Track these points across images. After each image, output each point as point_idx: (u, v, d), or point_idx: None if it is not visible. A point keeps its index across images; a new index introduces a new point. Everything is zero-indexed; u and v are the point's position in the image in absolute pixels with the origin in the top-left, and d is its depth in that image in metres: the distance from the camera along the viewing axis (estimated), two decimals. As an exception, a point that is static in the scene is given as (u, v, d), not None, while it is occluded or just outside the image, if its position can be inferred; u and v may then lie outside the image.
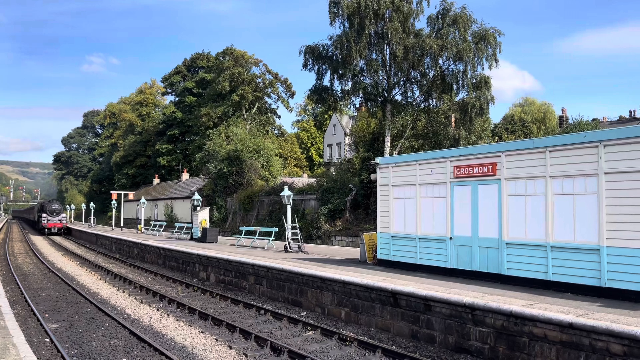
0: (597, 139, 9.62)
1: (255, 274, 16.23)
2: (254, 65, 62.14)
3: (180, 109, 68.02)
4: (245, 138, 41.24)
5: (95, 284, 19.08)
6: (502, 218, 11.16)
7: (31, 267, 24.81)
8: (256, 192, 36.99)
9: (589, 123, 33.69)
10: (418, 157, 14.05)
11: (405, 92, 28.49)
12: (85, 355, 9.58)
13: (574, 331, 7.59)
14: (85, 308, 14.21)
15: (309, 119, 78.03)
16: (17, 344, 7.55)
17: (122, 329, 11.59)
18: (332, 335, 10.68)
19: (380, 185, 14.80)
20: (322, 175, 36.42)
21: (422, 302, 10.05)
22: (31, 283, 19.18)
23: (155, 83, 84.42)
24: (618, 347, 7.12)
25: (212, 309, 13.80)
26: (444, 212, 12.64)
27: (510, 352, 8.52)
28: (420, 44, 25.54)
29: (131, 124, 79.35)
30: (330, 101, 29.40)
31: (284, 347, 9.56)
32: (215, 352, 9.74)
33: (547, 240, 10.24)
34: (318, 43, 28.13)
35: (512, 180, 11.10)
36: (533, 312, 8.13)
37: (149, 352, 9.71)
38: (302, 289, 13.89)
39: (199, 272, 20.34)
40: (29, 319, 12.71)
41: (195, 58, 71.44)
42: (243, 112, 59.88)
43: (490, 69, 26.35)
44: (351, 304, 12.04)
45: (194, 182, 52.23)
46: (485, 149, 12.08)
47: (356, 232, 24.63)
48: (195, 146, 61.23)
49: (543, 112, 45.20)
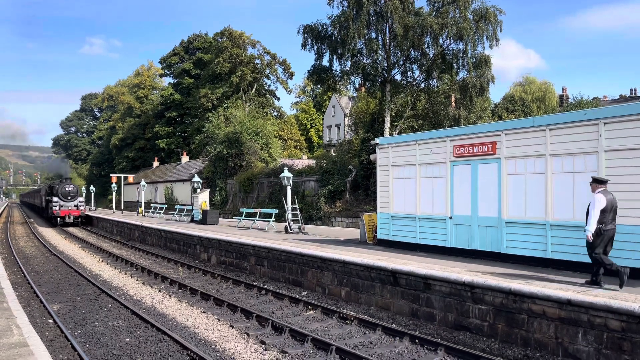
0: (597, 117, 9.57)
1: (256, 255, 16.32)
2: (251, 45, 61.60)
3: (179, 90, 67.64)
4: (245, 120, 41.11)
5: (97, 266, 19.20)
6: (502, 197, 11.17)
7: (33, 250, 24.93)
8: (256, 174, 37.00)
9: (590, 102, 33.57)
10: (418, 137, 14.01)
11: (405, 72, 28.27)
12: (89, 336, 9.68)
13: (572, 308, 7.66)
14: (88, 290, 14.32)
15: (308, 101, 77.66)
16: (21, 324, 7.62)
17: (125, 309, 11.70)
18: (333, 314, 10.78)
19: (380, 165, 14.79)
20: (321, 157, 36.37)
21: (421, 281, 10.12)
22: (33, 266, 19.30)
23: (153, 65, 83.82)
24: (616, 323, 7.19)
25: (214, 290, 13.91)
26: (443, 192, 12.65)
27: (509, 329, 8.61)
28: (420, 22, 25.23)
29: (129, 106, 79.00)
30: (329, 81, 29.19)
31: (285, 326, 9.66)
32: (217, 332, 9.84)
33: (547, 219, 10.26)
34: (317, 22, 27.82)
35: (512, 159, 11.08)
36: (532, 289, 8.19)
37: (152, 332, 9.81)
38: (302, 269, 13.98)
39: (200, 254, 20.45)
40: (31, 301, 12.82)
41: (193, 39, 70.76)
42: (242, 93, 59.54)
43: (491, 48, 26.10)
44: (351, 284, 12.13)
45: (194, 165, 52.21)
46: (485, 128, 12.03)
47: (356, 213, 24.69)
48: (194, 128, 61.05)
49: (543, 91, 44.88)
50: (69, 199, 40.97)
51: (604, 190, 8.52)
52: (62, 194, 40.77)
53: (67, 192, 40.96)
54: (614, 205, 8.46)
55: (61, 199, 40.73)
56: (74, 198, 41.27)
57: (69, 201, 41.06)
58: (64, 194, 40.83)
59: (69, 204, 40.99)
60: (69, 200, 41.02)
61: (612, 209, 8.42)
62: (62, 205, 40.60)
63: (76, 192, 41.71)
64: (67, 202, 40.94)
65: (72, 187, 41.70)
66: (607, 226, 8.36)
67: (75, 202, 41.36)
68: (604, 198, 8.38)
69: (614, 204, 8.46)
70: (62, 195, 40.76)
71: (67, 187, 41.24)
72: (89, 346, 9.05)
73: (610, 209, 8.39)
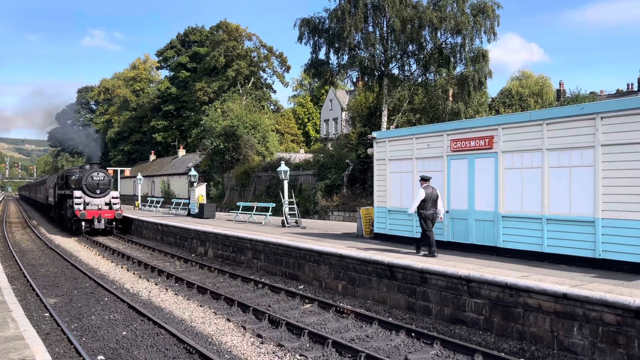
0: (594, 111, 9.57)
1: (253, 248, 16.32)
2: (247, 39, 61.33)
3: (175, 84, 67.35)
4: (242, 114, 41.03)
5: (93, 259, 19.17)
6: (499, 191, 11.18)
7: (29, 243, 24.87)
8: (253, 167, 36.95)
9: (587, 96, 33.58)
10: (415, 131, 14.00)
11: (403, 66, 28.25)
12: (85, 329, 9.67)
13: (567, 301, 7.69)
14: (84, 283, 14.29)
15: (306, 94, 77.46)
16: (17, 318, 7.60)
17: (121, 303, 11.69)
18: (330, 307, 10.79)
19: (377, 159, 14.77)
20: (319, 151, 36.37)
21: (418, 275, 10.14)
22: (29, 259, 19.25)
23: (149, 58, 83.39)
24: (611, 317, 7.22)
25: (211, 284, 13.91)
26: (440, 186, 12.64)
27: (505, 322, 8.64)
28: (418, 16, 25.18)
29: (125, 100, 78.66)
30: (326, 75, 29.14)
31: (282, 319, 9.67)
32: (214, 325, 9.84)
33: (543, 213, 10.28)
34: (314, 16, 27.76)
35: (508, 154, 11.08)
36: (528, 283, 8.22)
37: (148, 325, 9.81)
38: (299, 263, 13.99)
39: (197, 248, 20.44)
40: (28, 294, 12.79)
41: (189, 32, 70.38)
42: (238, 87, 59.34)
43: (489, 42, 26.13)
44: (348, 277, 12.15)
45: (191, 158, 52.09)
46: (483, 122, 12.03)
47: (353, 207, 24.70)
48: (191, 122, 60.87)
49: (540, 85, 44.92)
50: (97, 193, 27.30)
51: (426, 186, 11.44)
52: (89, 186, 27.15)
53: (95, 182, 27.32)
54: (432, 197, 11.36)
55: (86, 193, 27.03)
56: (104, 192, 27.54)
57: (98, 196, 27.33)
58: (90, 186, 27.16)
59: (98, 200, 27.30)
60: (97, 195, 27.30)
61: (430, 199, 11.33)
62: (88, 203, 26.98)
63: (108, 182, 27.96)
64: (95, 198, 27.26)
65: (103, 176, 27.78)
66: (427, 211, 11.34)
67: (106, 198, 27.59)
68: (424, 191, 11.34)
69: (432, 196, 11.37)
70: (89, 187, 27.14)
71: (94, 174, 27.52)
72: (85, 339, 9.05)
73: (429, 199, 11.32)
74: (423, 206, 11.29)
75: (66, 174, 30.93)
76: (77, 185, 27.63)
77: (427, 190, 11.37)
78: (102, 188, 27.51)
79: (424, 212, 11.31)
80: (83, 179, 27.20)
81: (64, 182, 30.68)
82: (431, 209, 11.35)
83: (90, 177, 27.33)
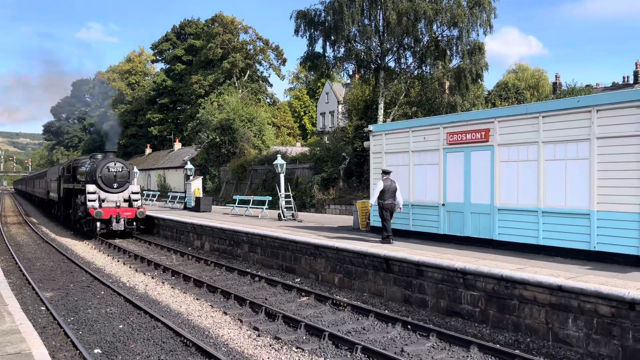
0: (590, 104, 9.58)
1: (250, 242, 16.33)
2: (243, 31, 61.07)
3: (171, 77, 67.05)
4: (238, 107, 40.90)
5: (89, 253, 19.13)
6: (495, 184, 11.21)
7: (25, 237, 24.80)
8: (249, 161, 36.90)
9: (583, 89, 33.66)
10: (411, 124, 13.98)
11: (399, 59, 28.14)
12: (82, 323, 9.67)
13: (563, 293, 7.74)
14: (81, 277, 14.28)
15: (302, 87, 77.25)
16: (13, 311, 7.59)
17: (118, 296, 11.68)
18: (326, 300, 10.82)
19: (374, 152, 14.77)
20: (315, 144, 36.34)
21: (414, 268, 10.17)
22: (25, 253, 19.20)
23: (144, 51, 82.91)
24: (606, 309, 7.27)
25: (207, 277, 13.92)
26: (436, 179, 12.67)
27: (501, 314, 8.69)
28: (414, 8, 25.08)
29: (121, 93, 78.26)
30: (322, 68, 29.01)
31: (279, 312, 9.70)
32: (210, 318, 9.86)
33: (539, 206, 10.32)
34: (310, 8, 27.57)
35: (504, 146, 11.10)
36: (523, 275, 8.26)
37: (145, 318, 9.81)
38: (296, 256, 14.01)
39: (193, 241, 20.43)
40: (24, 288, 12.77)
41: (184, 25, 70.01)
42: (234, 80, 59.13)
43: (485, 35, 26.05)
44: (344, 270, 12.18)
45: (187, 152, 51.96)
46: (479, 115, 12.03)
47: (349, 201, 24.73)
48: (186, 115, 60.68)
49: (536, 78, 45.02)
50: (114, 188, 22.98)
51: (386, 178, 12.32)
52: (105, 179, 22.78)
53: (111, 174, 22.99)
54: (390, 188, 12.25)
55: (101, 187, 22.67)
56: (122, 185, 23.27)
57: (115, 191, 23.00)
58: (106, 179, 22.83)
59: (116, 196, 22.93)
60: (115, 190, 22.98)
61: (388, 190, 12.21)
62: (104, 200, 22.56)
63: (127, 174, 23.64)
64: (112, 193, 22.91)
65: (121, 166, 23.46)
66: (385, 202, 12.26)
67: (124, 194, 23.25)
68: (382, 183, 12.24)
69: (390, 187, 12.26)
70: (105, 181, 22.77)
71: (110, 165, 23.15)
72: (82, 333, 9.05)
73: (387, 190, 12.20)
74: (382, 197, 12.25)
75: (74, 164, 26.50)
76: (90, 178, 23.03)
77: (386, 182, 12.27)
78: (120, 181, 23.18)
79: (382, 202, 12.29)
80: (97, 171, 22.67)
81: (71, 174, 26.27)
82: (389, 199, 12.26)
83: (106, 169, 22.85)
